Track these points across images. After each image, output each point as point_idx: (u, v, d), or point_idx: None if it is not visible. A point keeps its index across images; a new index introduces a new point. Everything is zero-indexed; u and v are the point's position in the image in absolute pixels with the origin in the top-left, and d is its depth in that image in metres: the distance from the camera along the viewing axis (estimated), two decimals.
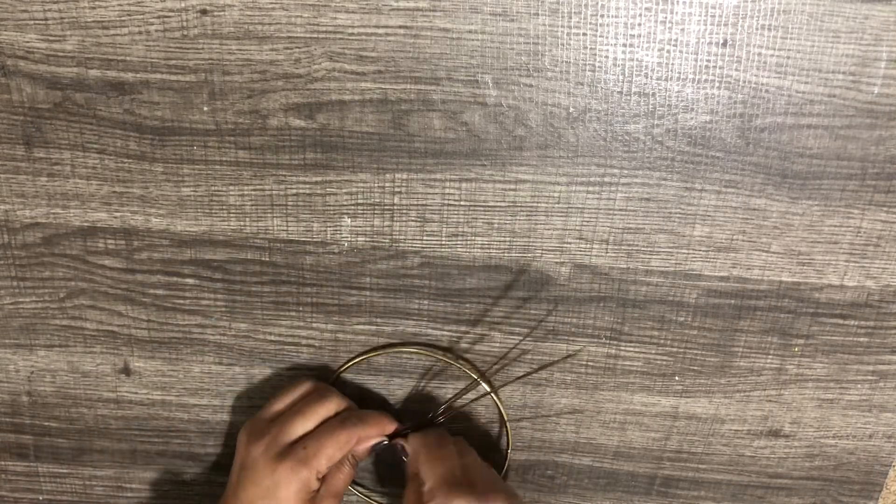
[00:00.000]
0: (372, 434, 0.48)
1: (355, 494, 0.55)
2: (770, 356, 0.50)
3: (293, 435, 0.46)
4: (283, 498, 0.45)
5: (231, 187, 0.46)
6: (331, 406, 0.48)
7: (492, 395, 0.51)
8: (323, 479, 0.47)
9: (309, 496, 0.46)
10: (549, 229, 0.47)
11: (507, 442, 0.53)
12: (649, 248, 0.47)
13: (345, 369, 0.51)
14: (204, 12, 0.42)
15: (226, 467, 0.55)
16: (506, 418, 0.52)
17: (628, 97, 0.43)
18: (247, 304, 0.50)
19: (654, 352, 0.50)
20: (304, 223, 0.47)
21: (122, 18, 0.42)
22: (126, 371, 0.52)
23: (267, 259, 0.48)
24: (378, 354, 0.51)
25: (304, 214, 0.47)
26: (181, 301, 0.50)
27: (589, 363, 0.51)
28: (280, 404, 0.49)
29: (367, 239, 0.48)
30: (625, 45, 0.42)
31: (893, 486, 1.09)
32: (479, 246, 0.47)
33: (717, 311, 0.49)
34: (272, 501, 0.45)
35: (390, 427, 0.49)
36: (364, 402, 0.52)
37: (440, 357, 0.50)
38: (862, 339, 0.49)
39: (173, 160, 0.46)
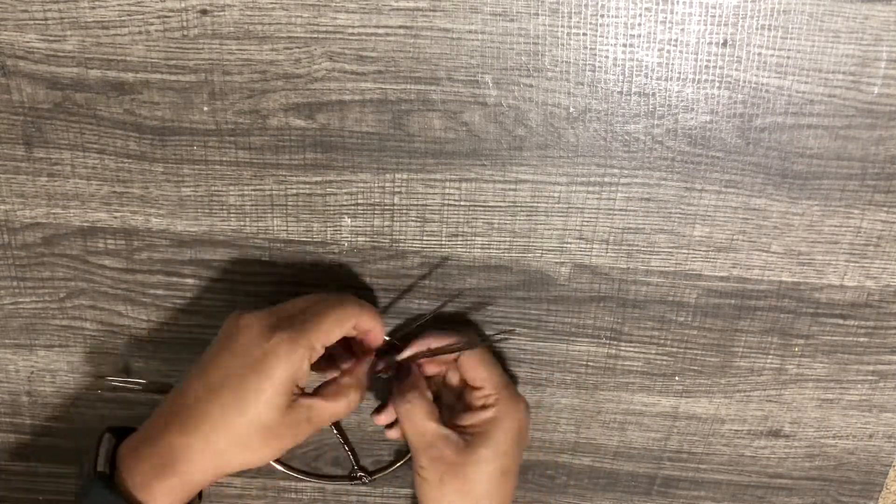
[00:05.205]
0: (369, 325, 0.43)
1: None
2: (770, 356, 0.50)
3: (292, 310, 0.41)
4: (269, 372, 0.38)
5: (231, 187, 0.46)
6: (336, 300, 0.42)
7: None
8: (311, 396, 0.41)
9: (290, 392, 0.39)
10: (549, 229, 0.47)
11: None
12: (649, 248, 0.47)
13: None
14: (204, 12, 0.42)
15: None
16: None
17: (628, 97, 0.43)
18: (247, 305, 0.50)
19: (654, 352, 0.50)
20: (304, 223, 0.47)
21: (122, 18, 0.42)
22: (126, 371, 0.52)
23: (267, 259, 0.48)
24: None
25: (304, 214, 0.47)
26: (181, 301, 0.50)
27: (589, 363, 0.51)
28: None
29: (367, 239, 0.48)
30: (625, 45, 0.42)
31: (893, 486, 1.09)
32: (479, 246, 0.47)
33: (717, 311, 0.49)
34: (256, 375, 0.38)
35: (382, 331, 0.44)
36: None
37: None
38: (862, 339, 0.49)
39: (173, 160, 0.46)
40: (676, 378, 0.51)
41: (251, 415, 0.39)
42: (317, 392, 0.42)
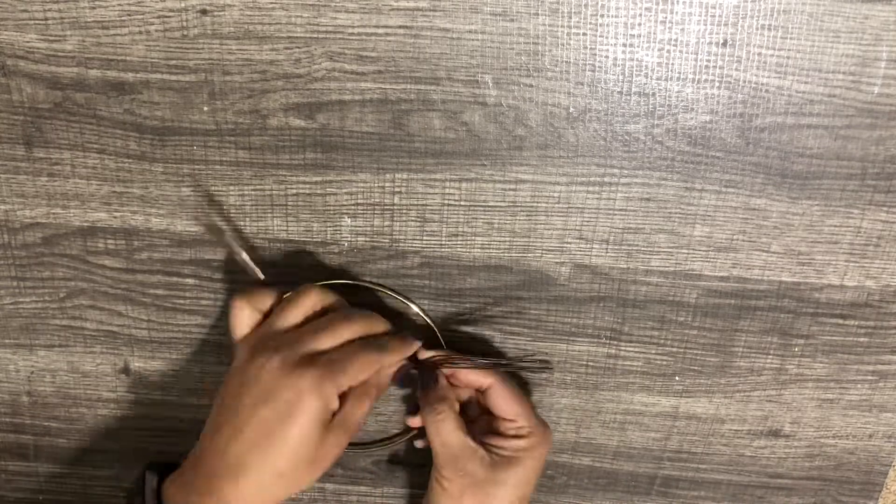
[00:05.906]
0: (394, 361, 0.44)
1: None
2: (770, 356, 0.50)
3: (317, 347, 0.41)
4: (299, 416, 0.38)
5: (231, 187, 0.46)
6: (357, 328, 0.43)
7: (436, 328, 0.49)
8: (339, 409, 0.41)
9: (325, 422, 0.40)
10: (549, 229, 0.47)
11: None
12: (649, 248, 0.47)
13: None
14: (204, 12, 0.42)
15: None
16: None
17: (628, 97, 0.43)
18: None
19: (654, 352, 0.50)
20: (304, 223, 0.47)
21: (122, 18, 0.42)
22: (126, 371, 0.52)
23: (267, 259, 0.48)
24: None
25: (304, 214, 0.47)
26: (181, 301, 0.50)
27: (589, 363, 0.51)
28: (292, 318, 0.43)
29: (367, 239, 0.48)
30: (625, 45, 0.42)
31: (893, 486, 1.09)
32: (479, 246, 0.47)
33: (717, 311, 0.49)
34: (290, 423, 0.38)
35: (413, 347, 0.45)
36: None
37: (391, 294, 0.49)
38: (862, 339, 0.49)
39: (173, 160, 0.46)
40: (676, 378, 0.51)
41: (293, 457, 0.39)
42: (343, 400, 0.41)
